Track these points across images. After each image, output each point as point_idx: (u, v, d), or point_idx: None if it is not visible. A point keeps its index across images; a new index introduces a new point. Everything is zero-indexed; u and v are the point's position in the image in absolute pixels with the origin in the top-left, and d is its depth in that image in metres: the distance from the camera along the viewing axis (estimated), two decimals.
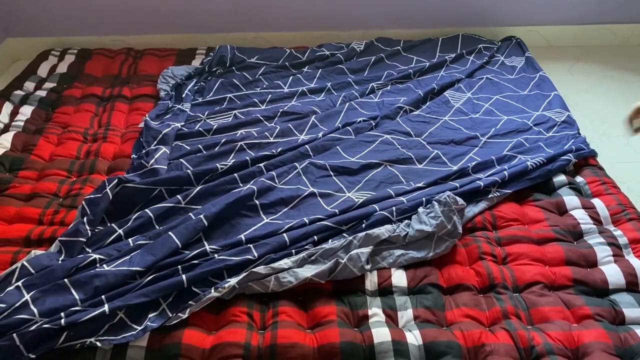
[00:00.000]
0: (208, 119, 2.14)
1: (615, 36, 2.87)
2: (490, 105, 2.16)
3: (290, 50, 2.62)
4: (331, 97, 2.26)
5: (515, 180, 1.73)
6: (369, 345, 1.25)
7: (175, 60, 2.59)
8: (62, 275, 1.39)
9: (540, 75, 2.34)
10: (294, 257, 1.46)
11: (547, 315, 1.34)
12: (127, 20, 2.79)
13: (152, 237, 1.53)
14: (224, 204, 1.60)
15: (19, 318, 1.26)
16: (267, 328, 1.32)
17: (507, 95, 2.22)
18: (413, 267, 1.47)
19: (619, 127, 2.25)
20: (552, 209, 1.66)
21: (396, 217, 1.58)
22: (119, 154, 1.97)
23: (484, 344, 1.26)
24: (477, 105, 2.16)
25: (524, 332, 1.28)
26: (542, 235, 1.56)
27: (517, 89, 2.27)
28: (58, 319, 1.26)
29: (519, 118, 2.07)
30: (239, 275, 1.41)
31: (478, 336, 1.28)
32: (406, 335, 1.28)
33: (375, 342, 1.25)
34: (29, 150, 1.98)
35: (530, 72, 2.39)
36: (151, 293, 1.34)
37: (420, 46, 2.64)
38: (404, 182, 1.76)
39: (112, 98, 2.30)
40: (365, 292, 1.42)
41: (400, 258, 1.48)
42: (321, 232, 1.54)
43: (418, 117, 2.09)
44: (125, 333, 1.28)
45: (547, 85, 2.27)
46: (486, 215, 1.64)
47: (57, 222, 1.66)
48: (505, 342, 1.26)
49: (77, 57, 2.62)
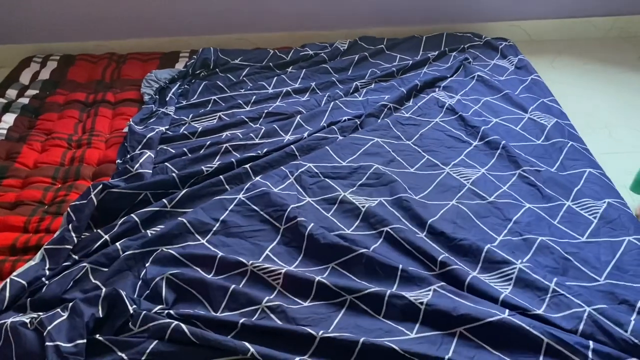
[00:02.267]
0: (193, 121, 2.13)
1: (596, 29, 2.89)
2: (480, 107, 2.12)
3: (274, 51, 2.62)
4: (316, 96, 2.26)
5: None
6: None
7: (158, 64, 2.58)
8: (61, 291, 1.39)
9: (532, 79, 2.32)
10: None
11: None
12: (109, 25, 2.77)
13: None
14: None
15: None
16: None
17: (496, 97, 2.19)
18: None
19: (602, 119, 2.27)
20: None
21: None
22: (104, 160, 1.96)
23: None
24: (467, 106, 2.12)
25: None
26: None
27: (507, 90, 2.22)
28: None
29: (507, 122, 2.04)
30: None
31: None
32: None
33: None
34: (13, 158, 1.96)
35: (522, 74, 2.36)
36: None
37: (403, 44, 2.64)
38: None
39: (95, 103, 2.29)
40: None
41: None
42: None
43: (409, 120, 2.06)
44: None
45: (538, 89, 2.25)
46: None
47: (42, 229, 1.65)
48: None
49: (59, 63, 2.59)
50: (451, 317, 1.28)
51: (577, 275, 1.43)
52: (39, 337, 1.24)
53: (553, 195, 1.68)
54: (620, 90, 2.48)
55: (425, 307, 1.31)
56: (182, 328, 1.25)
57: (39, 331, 1.25)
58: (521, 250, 1.49)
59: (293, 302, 1.38)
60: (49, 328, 1.23)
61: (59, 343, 1.21)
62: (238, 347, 1.21)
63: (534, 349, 1.22)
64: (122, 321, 1.30)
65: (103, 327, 1.31)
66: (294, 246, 1.55)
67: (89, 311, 1.28)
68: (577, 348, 1.20)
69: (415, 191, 1.72)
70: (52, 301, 1.38)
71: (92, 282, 1.44)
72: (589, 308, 1.29)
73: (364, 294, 1.36)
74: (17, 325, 1.25)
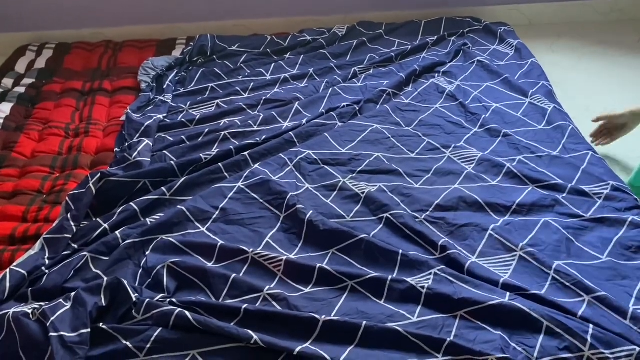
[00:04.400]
0: (190, 109, 2.12)
1: (596, 12, 2.87)
2: (480, 92, 2.11)
3: (271, 37, 2.59)
4: (314, 83, 2.24)
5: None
6: None
7: (155, 52, 2.55)
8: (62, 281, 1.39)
9: (531, 62, 2.30)
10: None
11: None
12: (105, 13, 2.74)
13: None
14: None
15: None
16: None
17: (496, 82, 2.17)
18: None
19: (602, 103, 2.26)
20: None
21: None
22: (102, 148, 1.95)
23: None
24: (467, 92, 2.11)
25: None
26: None
27: (507, 75, 2.20)
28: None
29: (508, 107, 2.03)
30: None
31: None
32: None
33: None
34: (10, 147, 1.95)
35: (520, 59, 2.34)
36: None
37: (402, 29, 2.62)
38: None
39: (92, 92, 2.27)
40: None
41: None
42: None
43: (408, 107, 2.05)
44: None
45: (536, 73, 2.23)
46: None
47: (41, 219, 1.65)
48: None
49: (55, 51, 2.57)
50: (452, 300, 1.29)
51: (580, 254, 1.43)
52: (42, 327, 1.23)
53: (555, 177, 1.68)
54: (621, 73, 2.47)
55: (426, 291, 1.32)
56: (186, 315, 1.25)
57: (42, 322, 1.24)
58: (524, 231, 1.50)
59: (294, 290, 1.38)
60: (52, 318, 1.23)
61: (63, 333, 1.21)
62: (242, 335, 1.21)
63: (534, 330, 1.23)
64: (125, 309, 1.30)
65: (106, 316, 1.31)
66: (293, 233, 1.55)
67: (92, 300, 1.28)
68: (576, 331, 1.20)
69: (415, 176, 1.72)
70: (53, 291, 1.37)
71: (92, 271, 1.43)
72: (588, 297, 1.29)
73: (366, 279, 1.36)
74: (20, 316, 1.25)
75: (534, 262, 1.39)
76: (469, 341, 1.21)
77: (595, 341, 1.19)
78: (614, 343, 1.19)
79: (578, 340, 1.19)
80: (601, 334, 1.20)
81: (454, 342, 1.20)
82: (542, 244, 1.46)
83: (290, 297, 1.34)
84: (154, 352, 1.22)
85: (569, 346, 1.19)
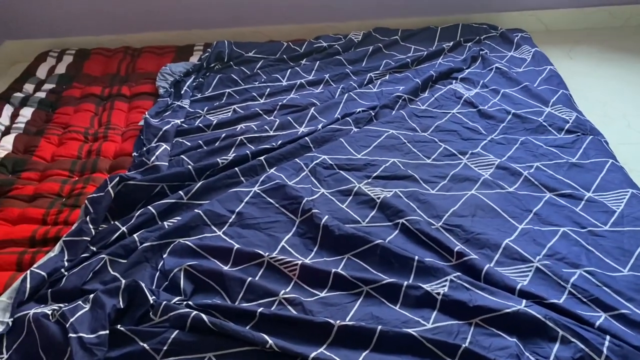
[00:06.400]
0: (207, 114, 2.14)
1: (614, 18, 2.84)
2: (499, 99, 2.09)
3: (287, 44, 2.61)
4: (330, 88, 2.25)
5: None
6: None
7: (173, 57, 2.59)
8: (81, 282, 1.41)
9: (549, 70, 2.28)
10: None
11: None
12: (124, 19, 2.79)
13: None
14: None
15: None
16: None
17: (516, 89, 2.15)
18: None
19: (620, 109, 2.23)
20: None
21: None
22: (120, 153, 1.98)
23: None
24: (486, 98, 2.10)
25: None
26: None
27: (526, 83, 2.18)
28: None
29: (527, 114, 2.00)
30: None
31: None
32: None
33: None
34: (31, 151, 1.99)
35: (538, 66, 2.32)
36: None
37: (418, 35, 2.62)
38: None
39: (111, 97, 2.31)
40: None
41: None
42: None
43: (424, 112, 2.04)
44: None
45: (555, 81, 2.21)
46: None
47: (60, 221, 1.67)
48: None
49: (75, 57, 2.62)
50: (468, 307, 1.28)
51: (600, 265, 1.41)
52: (61, 328, 1.25)
53: (574, 185, 1.66)
54: None
55: (441, 298, 1.31)
56: (202, 318, 1.26)
57: (61, 323, 1.26)
58: (542, 240, 1.48)
59: (309, 294, 1.38)
60: (72, 320, 1.25)
61: (82, 334, 1.23)
62: (257, 339, 1.21)
63: (549, 339, 1.21)
64: (142, 311, 1.32)
65: (124, 318, 1.32)
66: (309, 237, 1.56)
67: (110, 302, 1.30)
68: (592, 342, 1.18)
69: (431, 182, 1.71)
70: (72, 292, 1.40)
71: (110, 274, 1.45)
72: (606, 314, 1.27)
73: (381, 285, 1.36)
74: (40, 317, 1.27)
75: (551, 274, 1.37)
76: (483, 348, 1.20)
77: (610, 353, 1.17)
78: (630, 356, 1.17)
79: (593, 351, 1.17)
80: (617, 347, 1.18)
81: (469, 348, 1.19)
82: (560, 255, 1.43)
83: (305, 301, 1.35)
84: (170, 354, 1.23)
85: (584, 356, 1.17)
